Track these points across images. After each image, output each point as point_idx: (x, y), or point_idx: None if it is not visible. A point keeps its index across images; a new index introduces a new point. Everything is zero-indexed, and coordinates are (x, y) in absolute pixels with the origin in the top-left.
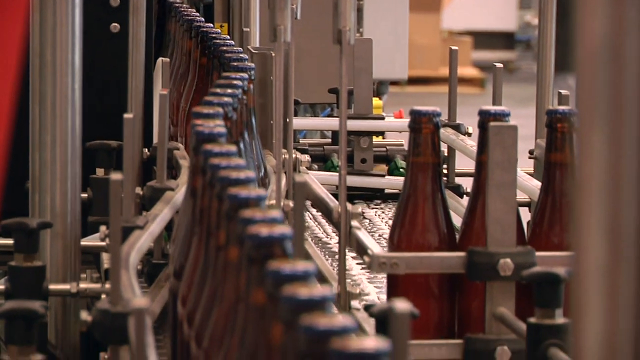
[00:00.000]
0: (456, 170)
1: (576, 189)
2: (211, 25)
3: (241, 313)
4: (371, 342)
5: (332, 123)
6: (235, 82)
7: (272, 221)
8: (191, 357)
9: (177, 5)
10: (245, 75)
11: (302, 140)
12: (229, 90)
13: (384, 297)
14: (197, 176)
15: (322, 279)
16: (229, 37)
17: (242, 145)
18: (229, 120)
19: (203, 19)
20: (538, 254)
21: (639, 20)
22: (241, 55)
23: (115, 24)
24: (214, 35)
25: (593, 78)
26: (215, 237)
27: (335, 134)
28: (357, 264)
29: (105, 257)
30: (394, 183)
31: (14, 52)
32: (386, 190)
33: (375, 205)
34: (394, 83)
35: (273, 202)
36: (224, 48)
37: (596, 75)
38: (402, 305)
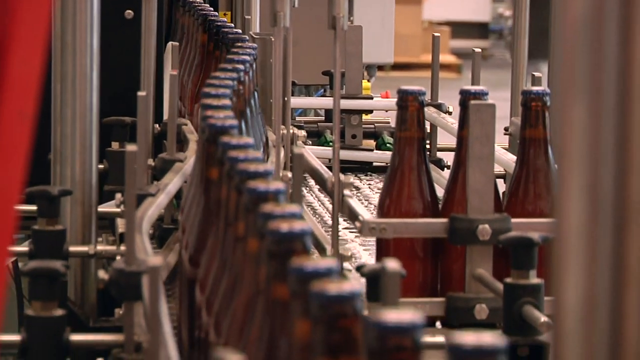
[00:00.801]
0: (438, 146)
1: (558, 157)
2: (216, 13)
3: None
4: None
5: (326, 102)
6: (239, 62)
7: (276, 193)
8: (199, 311)
9: None
10: (248, 57)
11: (298, 118)
12: (236, 67)
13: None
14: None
15: (317, 243)
16: (232, 24)
17: (247, 116)
18: (236, 94)
19: (209, 7)
20: (514, 220)
21: None
22: (244, 38)
23: (129, 11)
24: (218, 22)
25: (574, 53)
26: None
27: (328, 112)
28: (350, 232)
29: (119, 222)
30: (382, 157)
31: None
32: (374, 163)
33: (365, 176)
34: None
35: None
36: (228, 33)
37: (576, 50)
38: (392, 264)
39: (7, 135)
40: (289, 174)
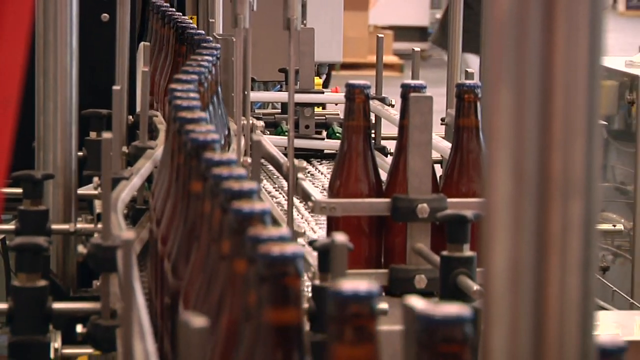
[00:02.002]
0: (382, 135)
1: (487, 138)
2: (183, 16)
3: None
4: None
5: (282, 96)
6: (204, 60)
7: (229, 162)
8: (167, 281)
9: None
10: (211, 56)
11: (257, 110)
12: (201, 64)
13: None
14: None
15: (274, 220)
16: (197, 26)
17: (211, 108)
18: (202, 86)
19: (177, 12)
20: (449, 200)
21: None
22: (209, 39)
23: (105, 14)
24: (185, 25)
25: (501, 45)
26: (186, 181)
27: (284, 105)
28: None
29: (97, 203)
30: (332, 145)
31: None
32: (325, 151)
33: (316, 162)
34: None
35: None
36: (194, 34)
37: (503, 42)
38: (340, 238)
39: None
40: (249, 159)
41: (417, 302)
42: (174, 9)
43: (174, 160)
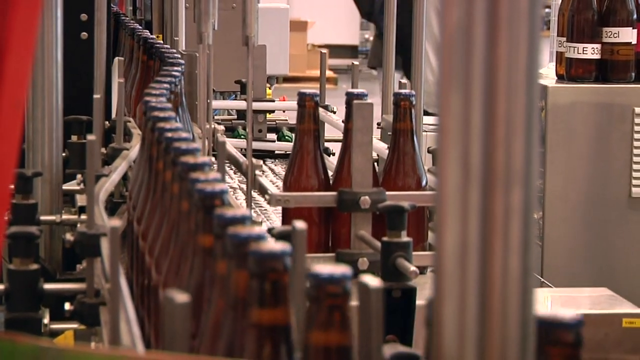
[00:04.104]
0: (325, 137)
1: (439, 134)
2: (151, 35)
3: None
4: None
5: (240, 104)
6: (172, 73)
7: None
8: (144, 264)
9: (126, 21)
10: (178, 69)
11: (216, 117)
12: (170, 76)
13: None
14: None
15: None
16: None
17: (178, 114)
18: (172, 93)
19: (145, 30)
20: (388, 193)
21: (485, 9)
22: (175, 54)
23: (85, 33)
24: (153, 42)
25: (451, 53)
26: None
27: (239, 112)
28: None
29: (79, 198)
30: (282, 146)
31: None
32: (276, 152)
33: (269, 162)
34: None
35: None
36: (164, 52)
37: (453, 50)
38: (299, 224)
39: (5, 123)
40: (213, 159)
41: (370, 280)
42: (141, 28)
43: (149, 155)
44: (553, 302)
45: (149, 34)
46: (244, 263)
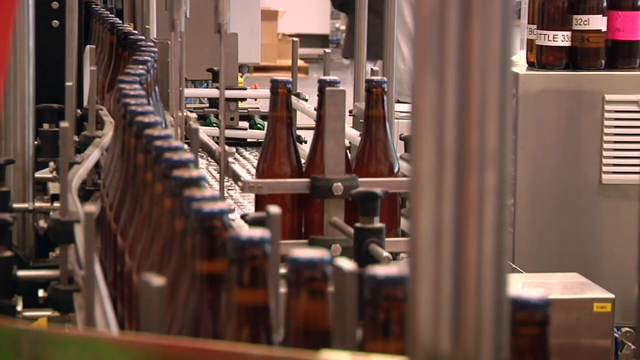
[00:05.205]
0: (297, 125)
1: (413, 117)
2: (122, 23)
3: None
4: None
5: (212, 92)
6: (145, 61)
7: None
8: (118, 250)
9: (97, 9)
10: (150, 57)
11: (187, 105)
12: (143, 64)
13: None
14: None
15: None
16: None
17: (150, 102)
18: (144, 81)
19: (117, 19)
20: (360, 179)
21: None
22: (147, 42)
23: (56, 21)
24: (125, 30)
25: (425, 37)
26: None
27: (211, 100)
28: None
29: (51, 186)
30: (254, 134)
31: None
32: (248, 140)
33: (242, 150)
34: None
35: None
36: (135, 40)
37: (427, 35)
38: (274, 209)
39: None
40: (186, 146)
41: (345, 264)
42: (113, 16)
43: (122, 142)
44: (524, 288)
45: (121, 22)
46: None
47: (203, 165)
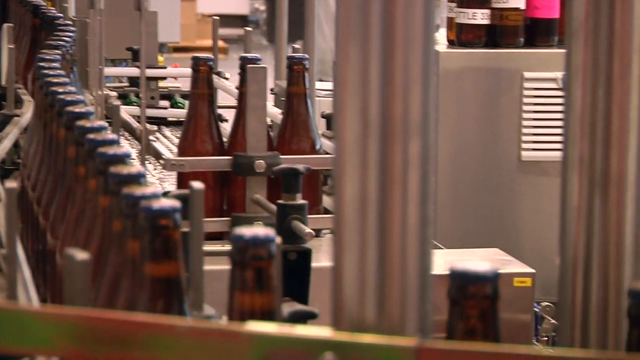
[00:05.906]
0: (218, 104)
1: (336, 88)
2: (41, 1)
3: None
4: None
5: (133, 71)
6: (64, 38)
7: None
8: (39, 229)
9: None
10: (69, 35)
11: (107, 84)
12: (61, 42)
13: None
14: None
15: None
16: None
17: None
18: (63, 59)
19: None
20: (282, 156)
21: None
22: (66, 20)
23: None
24: (43, 9)
25: (349, 4)
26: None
27: (131, 79)
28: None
29: None
30: (175, 113)
31: None
32: (169, 119)
33: (163, 129)
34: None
35: None
36: (53, 17)
37: (351, 6)
38: (197, 184)
39: None
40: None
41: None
42: None
43: (43, 120)
44: (445, 264)
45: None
46: (136, 220)
47: (125, 145)
